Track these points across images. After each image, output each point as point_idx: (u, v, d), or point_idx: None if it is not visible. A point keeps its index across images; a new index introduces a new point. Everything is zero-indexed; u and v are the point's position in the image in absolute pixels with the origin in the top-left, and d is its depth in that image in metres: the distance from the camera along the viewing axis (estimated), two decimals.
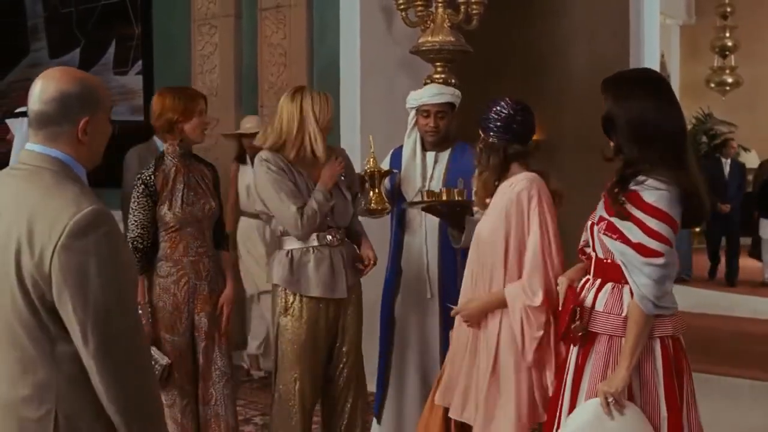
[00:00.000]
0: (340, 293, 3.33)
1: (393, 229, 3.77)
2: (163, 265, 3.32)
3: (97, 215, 1.74)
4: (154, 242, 3.31)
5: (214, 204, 3.39)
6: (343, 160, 3.39)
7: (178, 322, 3.31)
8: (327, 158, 3.34)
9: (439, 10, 4.69)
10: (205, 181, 3.41)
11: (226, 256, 3.58)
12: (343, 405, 3.44)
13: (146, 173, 3.28)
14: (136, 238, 3.26)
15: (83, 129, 1.85)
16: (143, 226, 3.26)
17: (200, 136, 3.40)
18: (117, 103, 6.88)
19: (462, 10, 4.74)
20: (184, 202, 3.28)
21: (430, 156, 3.71)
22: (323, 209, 3.25)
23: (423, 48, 4.69)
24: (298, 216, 3.21)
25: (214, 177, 3.48)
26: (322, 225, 3.30)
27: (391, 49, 5.36)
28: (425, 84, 4.57)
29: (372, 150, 3.56)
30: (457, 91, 3.75)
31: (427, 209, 3.44)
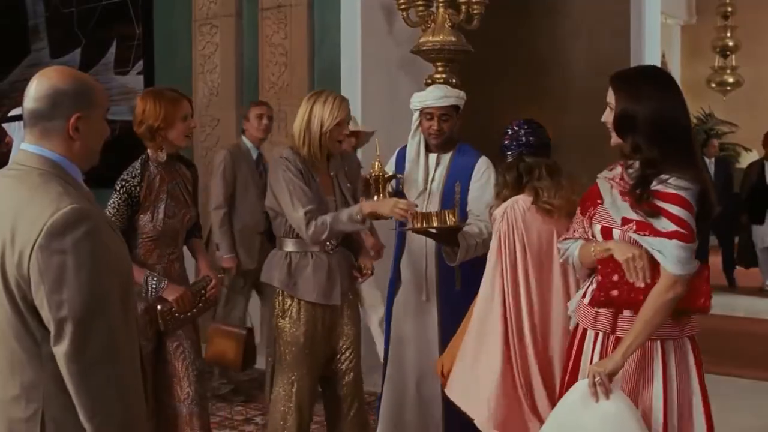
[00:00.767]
0: (335, 300, 3.32)
1: (396, 231, 3.77)
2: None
3: (76, 214, 1.72)
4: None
5: (193, 213, 3.34)
6: (414, 208, 3.27)
7: (148, 327, 3.19)
8: (337, 163, 3.33)
9: (440, 10, 4.69)
10: (187, 187, 3.34)
11: (198, 243, 3.51)
12: (350, 406, 3.43)
13: (132, 182, 3.14)
14: None
15: (74, 125, 1.83)
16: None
17: (184, 141, 3.25)
18: (118, 103, 6.90)
19: (463, 10, 4.75)
20: (167, 214, 3.19)
21: (433, 157, 3.72)
22: (337, 228, 3.18)
23: (424, 48, 4.69)
24: (304, 221, 3.19)
25: (194, 178, 3.42)
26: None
27: (392, 49, 5.36)
28: (426, 84, 4.58)
29: (378, 153, 3.54)
30: (462, 93, 3.73)
31: (419, 232, 3.47)
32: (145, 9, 6.79)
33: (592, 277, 2.50)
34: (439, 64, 4.71)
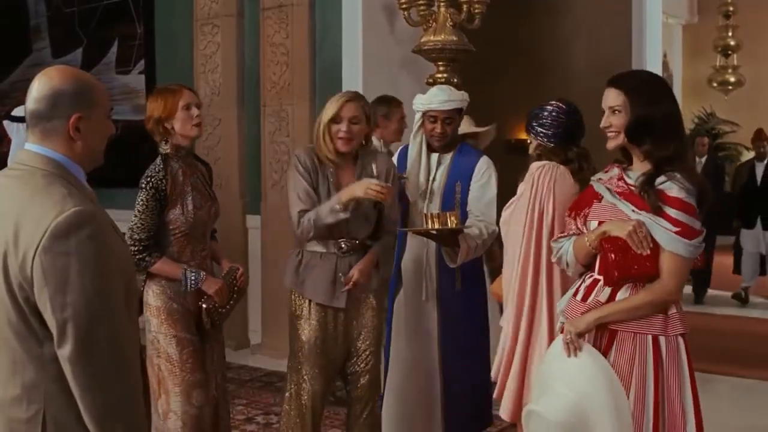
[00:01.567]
0: (338, 303, 3.29)
1: (398, 230, 3.78)
2: None
3: (80, 216, 1.72)
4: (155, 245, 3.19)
5: (217, 206, 3.36)
6: (391, 190, 3.20)
7: (192, 322, 3.21)
8: (365, 163, 3.32)
9: (442, 10, 4.69)
10: (206, 182, 3.36)
11: (216, 245, 3.52)
12: (363, 408, 3.42)
13: (157, 176, 3.13)
14: (143, 240, 3.13)
15: (74, 125, 1.82)
16: (149, 230, 3.13)
17: (192, 130, 3.23)
18: (119, 103, 6.90)
19: (464, 10, 4.75)
20: (195, 206, 3.20)
21: (434, 157, 3.72)
22: (320, 222, 3.17)
23: (425, 47, 4.69)
24: (297, 219, 3.21)
25: (210, 176, 3.43)
26: (335, 233, 3.27)
27: (394, 49, 5.37)
28: (427, 83, 4.58)
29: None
30: (466, 95, 3.71)
31: (420, 234, 3.47)
32: (147, 8, 6.80)
33: (584, 276, 2.54)
34: (441, 63, 4.71)
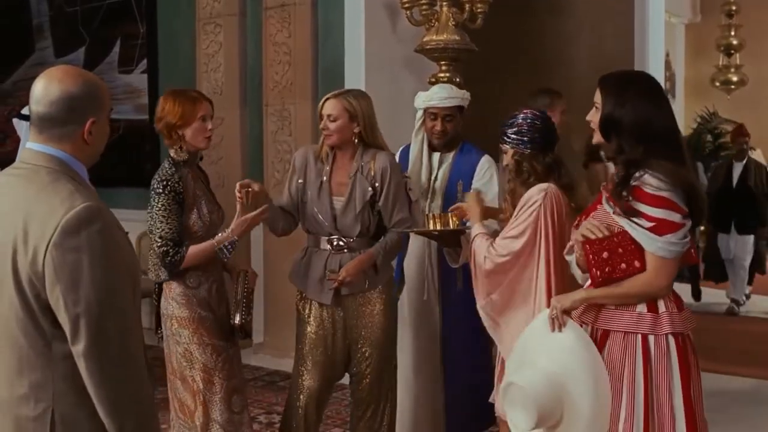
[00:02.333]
0: (325, 299, 3.31)
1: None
2: (191, 274, 3.15)
3: (90, 212, 1.73)
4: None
5: (222, 211, 3.32)
6: (264, 212, 3.19)
7: (221, 328, 3.18)
8: (363, 162, 3.31)
9: (444, 9, 4.68)
10: (208, 187, 3.34)
11: None
12: (365, 409, 3.42)
13: (173, 179, 3.09)
14: (174, 239, 3.08)
15: (89, 130, 1.84)
16: (177, 230, 3.08)
17: (203, 142, 3.19)
18: (122, 102, 6.91)
19: (467, 9, 4.74)
20: (208, 210, 3.18)
21: (436, 156, 3.73)
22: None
23: (427, 47, 4.69)
24: None
25: (207, 182, 3.39)
26: (324, 231, 3.31)
27: (396, 48, 5.36)
28: (430, 83, 4.57)
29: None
30: (467, 93, 3.73)
31: (421, 234, 3.47)
32: (149, 8, 6.80)
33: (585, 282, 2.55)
34: (443, 63, 4.71)
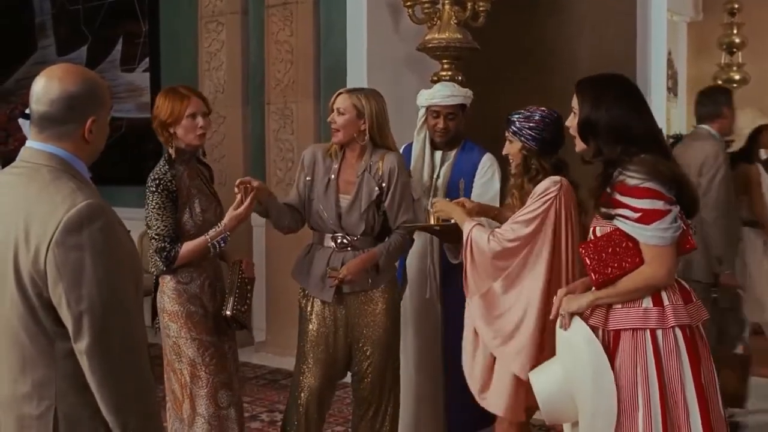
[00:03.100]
0: (326, 296, 3.30)
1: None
2: (183, 271, 3.15)
3: (91, 209, 1.73)
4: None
5: (221, 207, 3.31)
6: (252, 202, 3.14)
7: (212, 323, 3.19)
8: (370, 161, 3.32)
9: (446, 7, 4.68)
10: (208, 184, 3.34)
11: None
12: (366, 409, 3.41)
13: (166, 177, 3.08)
14: (169, 236, 3.08)
15: (89, 129, 1.84)
16: (172, 227, 3.08)
17: (195, 140, 3.14)
18: (124, 101, 6.92)
19: (469, 8, 4.74)
20: (202, 208, 3.17)
21: (438, 154, 3.73)
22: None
23: (430, 45, 4.69)
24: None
25: (211, 177, 3.41)
26: (329, 228, 3.31)
27: (398, 46, 5.36)
28: (432, 81, 4.57)
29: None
30: (469, 92, 3.72)
31: (422, 230, 3.47)
32: (151, 6, 6.80)
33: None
34: (445, 61, 4.70)
